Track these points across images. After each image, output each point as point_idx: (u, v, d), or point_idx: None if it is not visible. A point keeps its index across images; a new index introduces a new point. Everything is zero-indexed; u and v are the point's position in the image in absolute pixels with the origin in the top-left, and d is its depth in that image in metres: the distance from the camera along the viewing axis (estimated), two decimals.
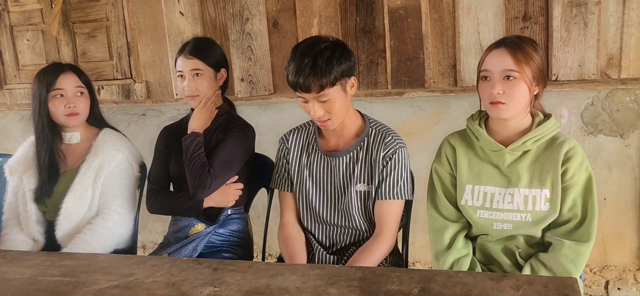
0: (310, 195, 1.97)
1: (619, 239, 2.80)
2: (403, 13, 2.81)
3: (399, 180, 1.87)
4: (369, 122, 1.94)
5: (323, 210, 1.95)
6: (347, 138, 1.93)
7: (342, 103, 1.82)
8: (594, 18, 2.56)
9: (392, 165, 1.86)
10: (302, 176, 1.98)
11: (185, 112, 2.32)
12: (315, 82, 1.75)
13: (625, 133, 2.68)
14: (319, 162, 1.96)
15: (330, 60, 1.76)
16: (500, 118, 1.70)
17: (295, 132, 2.03)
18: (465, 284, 1.38)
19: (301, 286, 1.43)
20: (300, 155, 1.99)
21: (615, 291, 2.84)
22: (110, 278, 1.58)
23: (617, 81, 2.61)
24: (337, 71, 1.77)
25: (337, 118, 1.84)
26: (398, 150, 1.86)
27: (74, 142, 2.21)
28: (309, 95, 1.78)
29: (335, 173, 1.93)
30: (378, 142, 1.88)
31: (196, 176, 2.03)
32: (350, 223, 1.93)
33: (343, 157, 1.91)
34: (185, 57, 2.09)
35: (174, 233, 2.19)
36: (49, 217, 2.18)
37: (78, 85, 2.16)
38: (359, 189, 1.90)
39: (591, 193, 1.69)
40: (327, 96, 1.77)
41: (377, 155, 1.87)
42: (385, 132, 1.90)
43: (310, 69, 1.74)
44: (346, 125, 1.92)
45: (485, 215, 1.76)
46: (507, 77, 1.64)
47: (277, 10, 3.01)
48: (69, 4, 3.34)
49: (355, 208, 1.91)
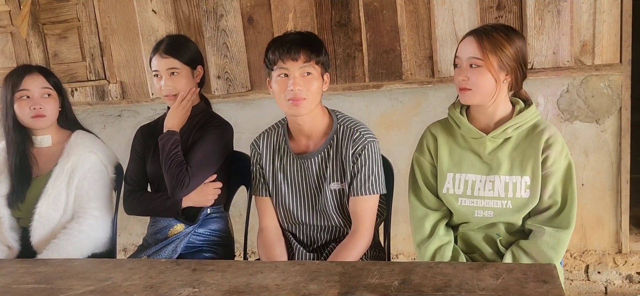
0: (286, 198, 1.94)
1: (598, 224, 2.84)
2: (378, 5, 2.81)
3: (370, 176, 1.84)
4: (336, 118, 1.91)
5: (300, 212, 1.94)
6: (316, 138, 1.90)
7: (319, 88, 1.82)
8: (567, 5, 2.59)
9: (362, 161, 1.83)
10: (276, 179, 1.95)
11: (161, 111, 2.29)
12: (306, 52, 1.77)
13: (601, 119, 2.71)
14: (291, 164, 1.93)
15: (317, 39, 1.85)
16: (466, 103, 1.73)
17: (264, 135, 2.00)
18: (445, 274, 1.38)
19: (281, 284, 1.42)
20: (273, 159, 1.96)
21: (595, 275, 2.88)
22: (86, 284, 1.55)
23: (591, 67, 2.64)
24: (322, 54, 1.82)
25: (312, 101, 1.81)
26: (367, 146, 1.84)
27: (45, 146, 2.17)
28: (295, 64, 1.77)
29: (308, 175, 1.91)
30: (347, 138, 1.85)
31: (174, 175, 2.00)
32: (328, 222, 1.93)
33: (314, 158, 1.89)
34: (161, 56, 2.06)
35: (153, 235, 2.16)
36: (23, 224, 2.14)
37: (45, 86, 2.11)
38: (333, 188, 1.88)
39: (571, 180, 1.71)
40: (310, 69, 1.78)
41: (347, 152, 1.84)
42: (354, 127, 1.87)
43: (303, 39, 1.80)
44: (315, 124, 1.89)
45: (466, 203, 1.77)
46: (473, 65, 1.67)
47: (252, 5, 2.98)
48: (37, 5, 3.27)
49: (332, 206, 1.90)
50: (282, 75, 1.80)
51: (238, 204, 2.58)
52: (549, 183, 1.70)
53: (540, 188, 1.71)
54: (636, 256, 2.83)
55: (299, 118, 1.86)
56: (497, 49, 1.65)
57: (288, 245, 1.98)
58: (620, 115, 2.68)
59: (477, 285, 1.30)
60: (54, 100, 2.14)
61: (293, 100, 1.78)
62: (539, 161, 1.70)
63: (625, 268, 2.84)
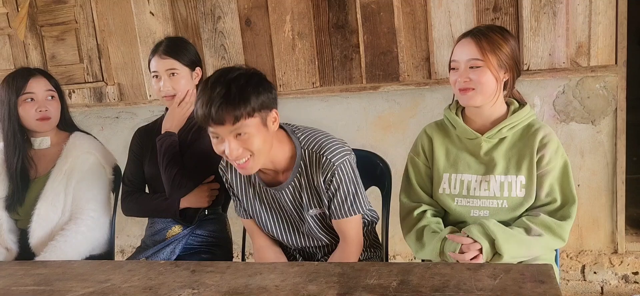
0: (268, 224, 1.87)
1: (594, 224, 2.86)
2: (375, 7, 2.82)
3: (346, 198, 1.73)
4: (299, 144, 1.73)
5: (287, 237, 1.89)
6: (283, 167, 1.75)
7: (264, 139, 1.60)
8: (563, 7, 2.60)
9: (334, 186, 1.70)
10: (255, 209, 1.86)
11: (159, 113, 2.29)
12: (229, 112, 1.51)
13: (596, 119, 2.73)
14: (266, 195, 1.82)
15: (244, 88, 1.54)
16: (470, 105, 1.73)
17: (229, 164, 1.80)
18: (443, 275, 1.39)
19: (280, 285, 1.43)
20: (245, 189, 1.84)
21: (591, 275, 2.90)
22: (85, 285, 1.55)
23: (586, 69, 2.65)
24: (255, 101, 1.54)
25: (259, 158, 1.61)
26: (336, 171, 1.68)
27: (44, 147, 2.17)
28: (223, 128, 1.54)
29: (285, 204, 1.80)
30: (314, 166, 1.71)
31: (171, 176, 2.01)
32: (318, 242, 1.89)
33: (286, 189, 1.76)
34: (160, 57, 2.06)
35: (151, 236, 2.16)
36: (21, 225, 2.13)
37: (48, 88, 2.12)
38: (312, 214, 1.80)
39: (568, 177, 1.72)
40: (244, 129, 1.54)
41: (318, 180, 1.71)
42: (319, 152, 1.69)
43: (223, 98, 1.51)
44: (277, 160, 1.72)
45: (462, 203, 1.78)
46: (473, 66, 1.68)
47: (249, 7, 2.99)
48: (35, 7, 3.27)
49: (317, 230, 1.84)
50: (214, 139, 1.61)
51: None
52: (545, 182, 1.71)
53: (535, 188, 1.72)
54: (632, 257, 2.85)
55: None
56: (495, 48, 1.67)
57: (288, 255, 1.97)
58: (615, 116, 2.69)
59: (475, 285, 1.31)
60: (57, 102, 2.15)
61: (237, 165, 1.62)
62: (534, 160, 1.71)
63: (621, 268, 2.85)
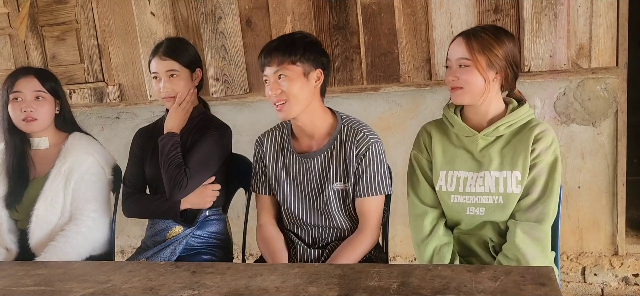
0: (288, 198, 1.95)
1: (594, 226, 2.86)
2: (376, 8, 2.82)
3: (376, 176, 1.85)
4: (340, 119, 1.91)
5: (303, 212, 1.94)
6: (319, 138, 1.90)
7: (302, 88, 1.79)
8: (564, 9, 2.60)
9: (366, 161, 1.83)
10: (279, 179, 1.95)
11: (159, 114, 2.29)
12: (276, 56, 1.77)
13: (597, 121, 2.73)
14: (294, 163, 1.93)
15: (297, 41, 1.81)
16: (458, 102, 1.76)
17: (269, 134, 2.00)
18: (444, 277, 1.39)
19: (281, 286, 1.43)
20: (276, 158, 1.96)
21: (592, 276, 2.89)
22: (86, 286, 1.55)
23: (587, 71, 2.65)
24: (302, 52, 1.79)
25: (295, 103, 1.80)
26: (371, 146, 1.84)
27: (43, 148, 2.17)
28: (270, 69, 1.79)
29: (311, 174, 1.91)
30: (351, 139, 1.85)
31: (172, 177, 2.01)
32: (331, 223, 1.93)
33: (317, 157, 1.89)
34: (160, 59, 2.06)
35: (152, 237, 2.16)
36: (21, 226, 2.13)
37: (37, 89, 2.10)
38: (336, 188, 1.88)
39: (553, 175, 1.72)
40: (285, 72, 1.77)
41: (351, 153, 1.84)
42: (358, 128, 1.87)
43: (277, 45, 1.80)
44: (317, 124, 1.89)
45: (458, 200, 1.79)
46: (462, 65, 1.71)
47: (250, 8, 2.99)
48: (36, 7, 3.27)
49: (335, 207, 1.90)
50: (266, 81, 1.83)
51: (236, 206, 2.58)
52: (531, 173, 1.72)
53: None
54: (632, 259, 2.84)
55: (298, 121, 1.86)
56: (485, 49, 1.69)
57: (290, 243, 1.99)
58: (616, 118, 2.69)
59: (476, 288, 1.31)
60: (48, 104, 2.13)
61: (276, 105, 1.81)
62: (528, 155, 1.72)
63: (622, 270, 2.85)
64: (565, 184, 2.80)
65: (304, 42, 1.82)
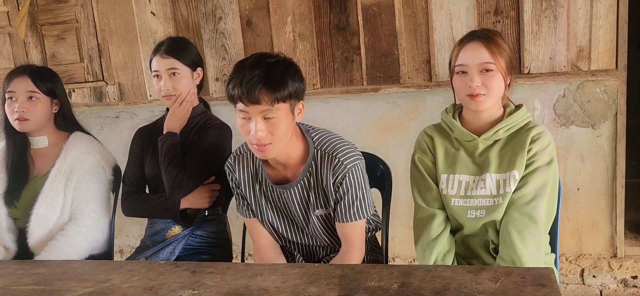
0: (274, 223, 1.87)
1: (593, 228, 2.86)
2: (376, 9, 2.82)
3: (354, 202, 1.74)
4: (312, 143, 1.76)
5: (291, 235, 1.89)
6: (293, 167, 1.77)
7: (288, 127, 1.64)
8: (564, 11, 2.60)
9: (343, 189, 1.72)
10: (260, 205, 1.86)
11: (159, 113, 2.29)
12: (267, 94, 1.56)
13: (597, 123, 2.73)
14: (272, 193, 1.82)
15: (284, 74, 1.60)
16: (479, 110, 1.73)
17: (239, 160, 1.84)
18: (444, 278, 1.39)
19: (281, 286, 1.43)
20: (252, 185, 1.83)
21: (590, 279, 2.90)
22: (85, 285, 1.55)
23: (587, 73, 2.66)
24: (291, 87, 1.60)
25: (279, 144, 1.65)
26: (348, 173, 1.70)
27: (42, 146, 2.16)
28: (256, 108, 1.57)
29: (291, 203, 1.81)
30: (325, 166, 1.72)
31: (172, 176, 2.01)
32: (321, 242, 1.89)
33: (294, 188, 1.77)
34: (161, 57, 2.06)
35: (151, 237, 2.16)
36: (20, 224, 2.13)
37: (30, 90, 2.09)
38: (318, 214, 1.80)
39: (548, 175, 1.71)
40: (274, 113, 1.59)
41: (327, 181, 1.73)
42: (332, 153, 1.72)
43: (263, 80, 1.56)
44: (290, 154, 1.74)
45: (459, 203, 1.78)
46: (484, 70, 1.68)
47: (250, 8, 2.99)
48: (36, 6, 3.27)
49: (321, 230, 1.85)
50: (242, 118, 1.63)
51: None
52: (526, 172, 1.71)
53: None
54: (631, 261, 2.85)
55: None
56: (502, 51, 1.70)
57: (289, 256, 1.97)
58: (615, 120, 2.70)
59: (476, 289, 1.31)
60: (42, 104, 2.11)
61: (257, 146, 1.64)
62: (525, 156, 1.72)
63: (620, 272, 2.86)
64: (564, 186, 2.80)
65: (290, 73, 1.62)
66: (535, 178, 1.71)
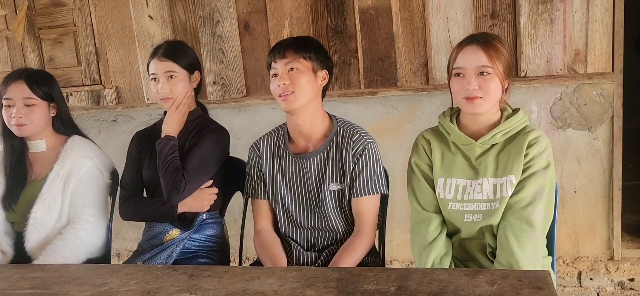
0: (285, 200, 1.97)
1: (590, 230, 2.87)
2: (374, 13, 2.83)
3: (372, 175, 1.88)
4: (336, 121, 1.96)
5: (299, 214, 1.96)
6: (315, 140, 1.95)
7: (309, 82, 1.87)
8: (560, 15, 2.62)
9: (363, 161, 1.88)
10: (275, 182, 1.98)
11: (157, 117, 2.29)
12: (290, 50, 1.86)
13: (593, 126, 2.74)
14: (290, 165, 1.96)
15: (309, 40, 1.94)
16: (476, 112, 1.73)
17: (265, 138, 2.04)
18: (441, 281, 1.39)
19: (278, 289, 1.43)
20: (272, 160, 2.00)
21: (587, 281, 2.90)
22: (83, 289, 1.55)
23: (583, 76, 2.67)
24: (313, 51, 1.88)
25: (301, 95, 1.85)
26: (367, 146, 1.89)
27: (40, 150, 2.16)
28: (283, 61, 1.85)
29: (307, 175, 1.93)
30: (347, 140, 1.90)
31: (170, 180, 2.00)
32: (327, 225, 1.94)
33: (313, 158, 1.92)
34: (159, 60, 2.07)
35: (149, 240, 2.15)
36: (17, 228, 2.13)
37: (27, 96, 2.09)
38: (332, 188, 1.91)
39: (545, 179, 1.71)
40: (296, 65, 1.85)
41: (347, 153, 1.89)
42: (353, 130, 1.92)
43: (291, 42, 1.90)
44: (315, 125, 1.93)
45: (456, 207, 1.78)
46: (482, 73, 1.69)
47: (248, 12, 2.99)
48: (33, 10, 3.27)
49: (331, 208, 1.91)
50: (274, 75, 1.89)
51: (233, 210, 2.59)
52: (523, 176, 1.71)
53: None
54: (628, 263, 2.86)
55: (298, 119, 1.89)
56: (500, 55, 1.70)
57: (286, 247, 1.99)
58: (612, 123, 2.71)
59: (473, 291, 1.31)
60: (39, 109, 2.11)
61: (281, 96, 1.86)
62: (522, 160, 1.72)
63: (617, 274, 2.86)
64: (561, 189, 2.81)
65: (315, 43, 1.94)
66: (532, 182, 1.71)
